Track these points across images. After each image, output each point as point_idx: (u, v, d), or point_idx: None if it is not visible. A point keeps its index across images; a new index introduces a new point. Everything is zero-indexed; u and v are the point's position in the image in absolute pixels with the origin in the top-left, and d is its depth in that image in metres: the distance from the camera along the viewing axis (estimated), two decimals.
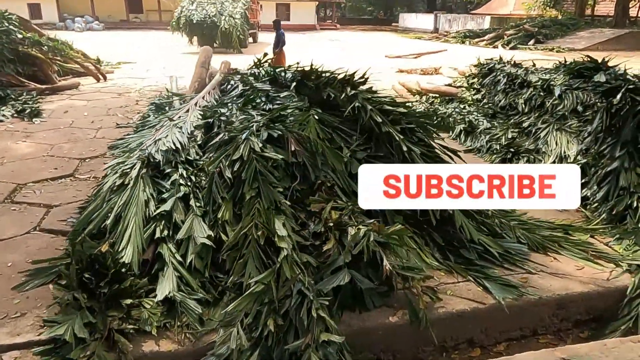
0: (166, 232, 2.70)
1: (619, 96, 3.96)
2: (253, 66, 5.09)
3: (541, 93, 5.35)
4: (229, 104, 4.02)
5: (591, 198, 3.82)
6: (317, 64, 4.04)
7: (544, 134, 4.79)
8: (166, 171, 3.14)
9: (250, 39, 22.22)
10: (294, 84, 3.97)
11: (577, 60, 5.43)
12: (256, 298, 2.26)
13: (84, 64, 10.58)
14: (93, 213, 2.92)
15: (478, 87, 6.92)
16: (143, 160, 3.16)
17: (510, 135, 5.26)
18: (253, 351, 2.12)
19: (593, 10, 32.15)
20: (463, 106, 6.72)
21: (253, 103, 3.81)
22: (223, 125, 3.48)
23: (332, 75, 3.79)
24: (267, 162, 2.91)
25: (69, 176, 4.47)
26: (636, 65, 6.73)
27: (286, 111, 3.39)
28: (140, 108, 7.47)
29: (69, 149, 5.32)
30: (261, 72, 4.67)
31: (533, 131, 5.04)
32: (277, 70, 4.50)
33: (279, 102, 3.71)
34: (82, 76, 10.49)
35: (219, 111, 3.80)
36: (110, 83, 10.42)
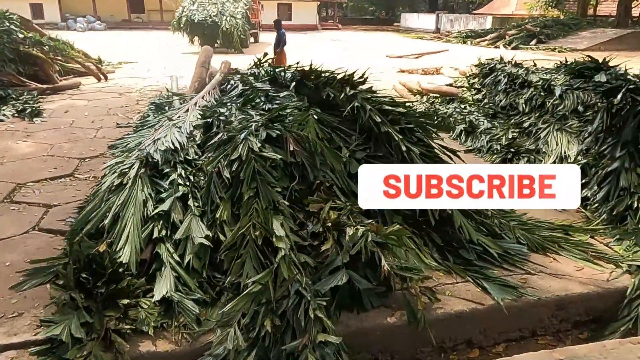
0: (164, 232, 2.69)
1: (620, 96, 3.94)
2: (253, 66, 5.08)
3: (542, 93, 5.34)
4: (229, 104, 4.02)
5: (591, 198, 3.80)
6: (317, 64, 4.03)
7: (545, 134, 4.78)
8: (165, 171, 3.13)
9: (251, 39, 22.24)
10: (294, 84, 3.96)
11: (578, 60, 5.40)
12: (253, 298, 2.25)
13: (85, 64, 10.62)
14: (91, 213, 2.92)
15: (479, 87, 6.90)
16: (141, 160, 3.15)
17: (510, 135, 5.25)
18: (250, 352, 2.12)
19: (595, 10, 32.10)
20: (464, 106, 6.70)
21: (252, 103, 3.80)
22: (222, 125, 3.48)
23: (332, 75, 3.79)
24: (266, 162, 2.90)
25: (69, 176, 4.47)
26: (637, 65, 6.70)
27: (285, 111, 3.39)
28: (140, 108, 7.48)
29: (69, 149, 5.32)
30: (261, 72, 4.67)
31: (533, 131, 5.02)
32: (277, 70, 4.49)
33: (279, 102, 3.71)
34: (83, 76, 10.52)
35: (218, 111, 3.80)
36: (111, 83, 10.44)
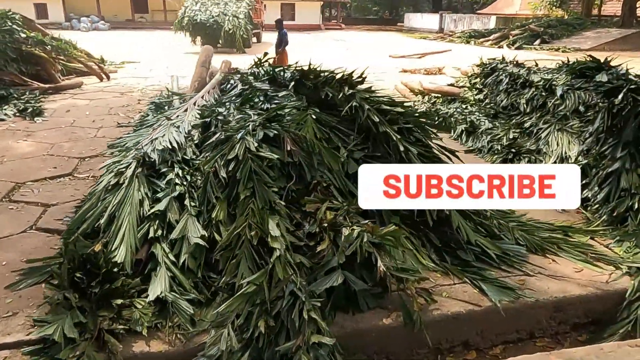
0: (160, 232, 2.68)
1: (621, 96, 3.90)
2: (253, 66, 5.07)
3: (543, 93, 5.31)
4: (227, 104, 4.01)
5: (592, 199, 3.77)
6: (316, 63, 4.02)
7: (545, 135, 4.74)
8: (162, 170, 3.12)
9: (254, 39, 22.24)
10: (293, 84, 3.95)
11: (580, 60, 5.37)
12: (248, 299, 2.24)
13: (87, 64, 10.64)
14: (87, 212, 2.91)
15: (480, 87, 6.87)
16: (138, 159, 3.14)
17: (511, 135, 5.21)
18: (243, 352, 2.10)
19: (600, 10, 31.92)
20: (465, 106, 6.66)
21: (251, 102, 3.79)
22: (220, 124, 3.47)
23: (331, 74, 3.77)
24: (262, 162, 2.88)
25: (68, 175, 4.47)
26: (639, 65, 6.65)
27: (283, 110, 3.37)
28: (142, 107, 7.48)
29: (69, 148, 5.33)
30: (260, 72, 4.65)
31: (534, 131, 4.99)
32: (276, 69, 4.48)
33: (277, 102, 3.69)
34: (86, 75, 10.54)
35: (217, 110, 3.79)
36: (113, 82, 10.46)
